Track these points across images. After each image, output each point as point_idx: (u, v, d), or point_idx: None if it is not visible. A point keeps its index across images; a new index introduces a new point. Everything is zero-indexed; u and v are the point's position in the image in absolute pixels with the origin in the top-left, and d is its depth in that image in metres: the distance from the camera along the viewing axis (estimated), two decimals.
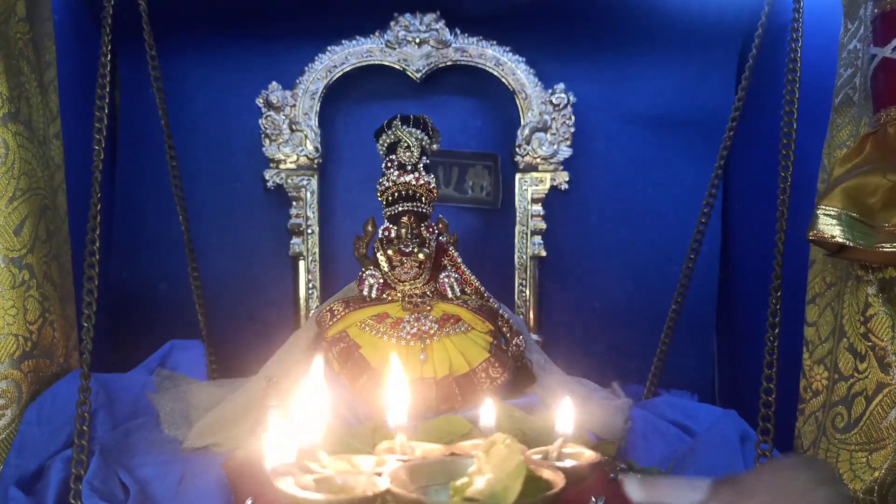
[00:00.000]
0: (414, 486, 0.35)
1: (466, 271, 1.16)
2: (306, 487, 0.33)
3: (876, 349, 0.81)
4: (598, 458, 0.44)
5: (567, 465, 0.42)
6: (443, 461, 0.37)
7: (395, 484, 0.32)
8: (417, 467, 0.36)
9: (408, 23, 1.38)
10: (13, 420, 0.91)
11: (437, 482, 0.36)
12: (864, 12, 0.90)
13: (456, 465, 0.37)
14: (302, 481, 0.33)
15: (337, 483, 0.35)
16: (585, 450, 0.45)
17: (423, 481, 0.36)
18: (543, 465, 0.35)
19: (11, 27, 0.96)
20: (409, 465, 0.36)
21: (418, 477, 0.36)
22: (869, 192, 0.81)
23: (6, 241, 0.93)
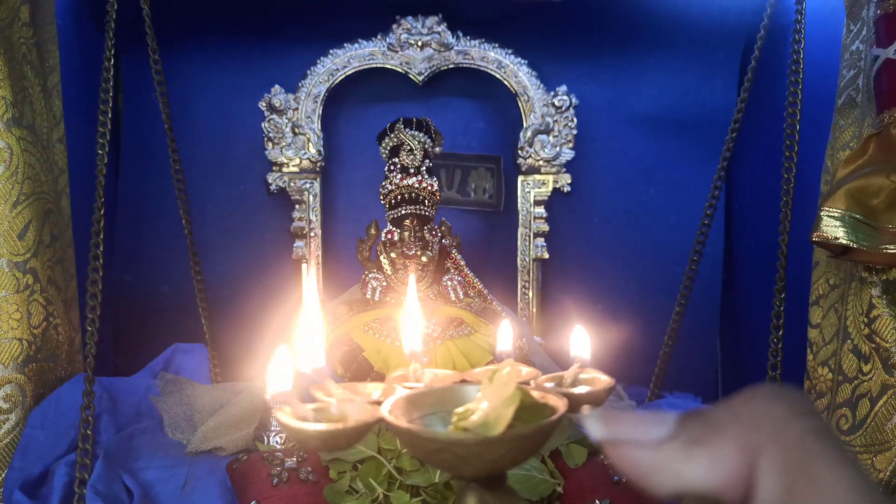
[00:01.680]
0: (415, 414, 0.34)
1: (469, 274, 1.16)
2: (304, 417, 0.33)
3: (880, 351, 0.81)
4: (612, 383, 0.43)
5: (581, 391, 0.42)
6: (449, 389, 0.36)
7: (394, 414, 0.32)
8: (420, 395, 0.35)
9: (410, 26, 1.38)
10: (17, 424, 0.92)
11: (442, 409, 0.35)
12: (866, 13, 0.90)
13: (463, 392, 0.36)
14: (300, 411, 0.33)
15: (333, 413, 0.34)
16: (601, 375, 0.44)
17: (427, 409, 0.35)
18: (550, 392, 0.34)
19: (15, 32, 0.96)
20: (412, 394, 0.35)
21: (421, 405, 0.35)
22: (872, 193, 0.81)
23: (10, 245, 0.93)
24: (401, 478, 0.81)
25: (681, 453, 0.22)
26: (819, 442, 0.21)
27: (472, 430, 0.31)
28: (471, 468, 0.31)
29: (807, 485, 0.20)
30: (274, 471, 0.81)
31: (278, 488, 0.79)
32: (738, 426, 0.21)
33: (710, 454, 0.21)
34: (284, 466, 0.82)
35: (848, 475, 0.20)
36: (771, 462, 0.20)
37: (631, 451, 0.23)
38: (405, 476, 0.81)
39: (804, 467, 0.20)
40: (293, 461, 0.83)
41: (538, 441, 0.31)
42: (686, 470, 0.22)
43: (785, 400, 0.22)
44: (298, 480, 0.81)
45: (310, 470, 0.82)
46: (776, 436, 0.21)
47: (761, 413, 0.21)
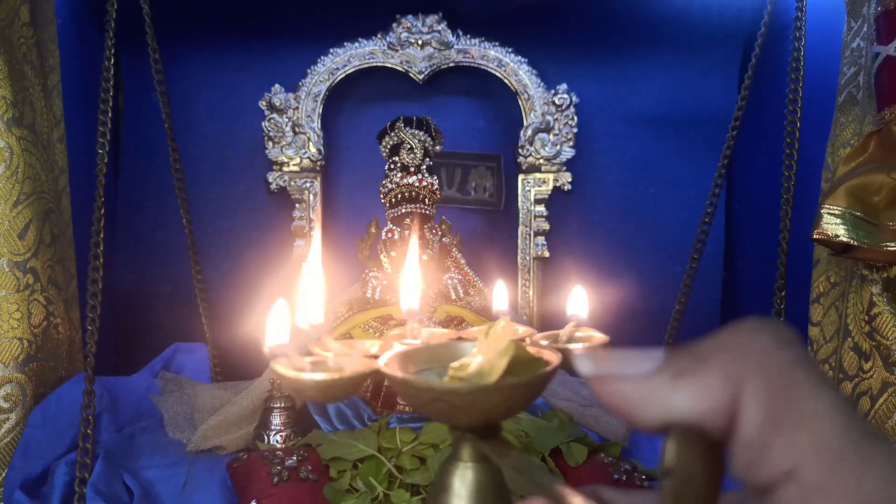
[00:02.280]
0: (411, 369, 0.34)
1: (470, 273, 1.16)
2: (301, 369, 0.33)
3: (881, 348, 0.81)
4: (607, 340, 0.43)
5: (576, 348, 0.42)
6: (446, 345, 0.37)
7: (390, 366, 0.32)
8: (417, 351, 0.35)
9: (410, 24, 1.38)
10: (18, 423, 0.92)
11: (438, 365, 0.35)
12: (867, 10, 0.90)
13: (459, 348, 0.36)
14: (297, 363, 0.33)
15: (330, 365, 0.35)
16: (596, 333, 0.44)
17: (423, 364, 0.35)
18: (545, 348, 0.35)
19: (15, 32, 0.96)
20: (408, 349, 0.35)
21: (417, 360, 0.35)
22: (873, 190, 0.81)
23: (11, 245, 0.93)
24: (401, 476, 0.81)
25: (667, 384, 0.22)
26: (802, 370, 0.21)
27: (467, 380, 0.31)
28: (466, 417, 0.31)
29: (789, 410, 0.20)
30: (274, 470, 0.81)
31: (278, 487, 0.79)
32: (724, 356, 0.22)
33: (695, 384, 0.22)
34: (285, 465, 0.82)
35: (829, 401, 0.20)
36: (754, 389, 0.21)
37: (618, 385, 0.23)
38: (405, 475, 0.81)
39: (787, 394, 0.20)
40: (293, 460, 0.83)
41: (532, 391, 0.32)
42: (672, 400, 0.22)
43: (770, 331, 0.22)
44: (298, 479, 0.81)
45: (310, 469, 0.82)
46: (760, 364, 0.21)
47: (746, 343, 0.22)
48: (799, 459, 0.19)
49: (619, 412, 0.23)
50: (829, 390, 0.20)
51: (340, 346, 0.36)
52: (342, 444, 0.85)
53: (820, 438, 0.19)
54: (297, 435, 0.95)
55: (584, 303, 0.51)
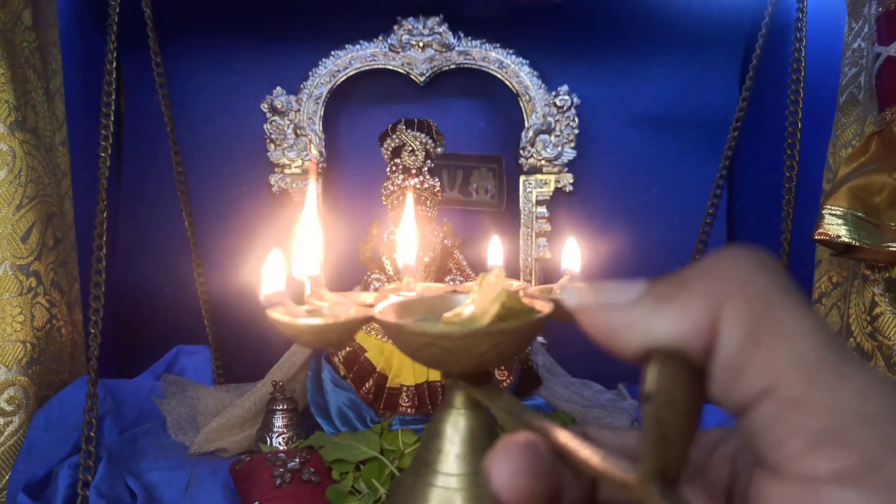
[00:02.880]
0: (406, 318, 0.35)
1: (472, 274, 1.16)
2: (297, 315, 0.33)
3: (883, 348, 0.81)
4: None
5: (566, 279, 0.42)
6: (440, 297, 0.37)
7: (384, 314, 0.32)
8: (412, 302, 0.36)
9: (411, 26, 1.38)
10: (21, 426, 0.92)
11: (432, 316, 0.36)
12: (868, 11, 0.90)
13: (453, 300, 0.37)
14: (293, 310, 0.34)
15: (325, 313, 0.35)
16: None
17: (418, 315, 0.36)
18: (538, 298, 0.35)
19: (17, 36, 0.96)
20: (404, 300, 0.36)
21: (412, 311, 0.35)
22: (875, 191, 0.81)
23: (14, 248, 0.93)
24: None
25: (649, 309, 0.22)
26: (781, 292, 0.21)
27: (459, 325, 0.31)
28: (458, 363, 0.31)
29: (767, 329, 0.20)
30: (276, 472, 0.81)
31: (281, 489, 0.80)
32: (705, 280, 0.22)
33: (676, 307, 0.22)
34: (287, 467, 0.82)
35: (807, 321, 0.20)
36: (734, 310, 0.21)
37: (602, 314, 0.23)
38: None
39: (766, 315, 0.20)
40: (296, 462, 0.83)
41: (523, 337, 0.32)
42: (654, 324, 0.22)
43: (751, 256, 0.22)
44: (301, 481, 0.81)
45: (312, 471, 0.82)
46: (740, 287, 0.21)
47: (727, 268, 0.22)
48: (776, 376, 0.20)
49: (603, 341, 0.23)
50: (807, 311, 0.20)
51: (336, 296, 0.36)
52: (344, 446, 0.85)
53: (797, 355, 0.20)
54: (299, 437, 0.95)
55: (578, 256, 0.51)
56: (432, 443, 0.34)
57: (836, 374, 0.19)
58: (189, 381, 1.16)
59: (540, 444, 0.25)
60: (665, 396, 0.21)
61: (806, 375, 0.19)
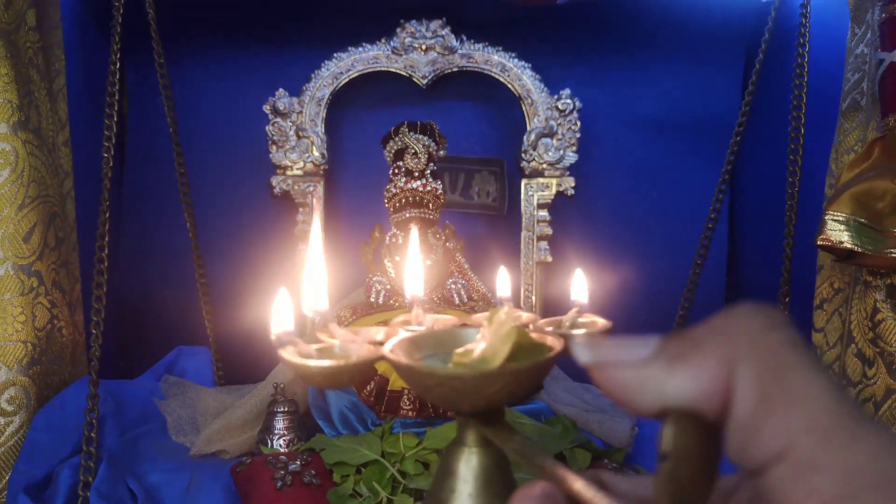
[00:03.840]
0: (416, 355, 0.35)
1: (473, 277, 1.16)
2: (308, 355, 0.33)
3: (884, 355, 0.81)
4: (609, 325, 0.43)
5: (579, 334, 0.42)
6: (450, 331, 0.37)
7: (395, 353, 0.32)
8: (422, 337, 0.36)
9: (414, 29, 1.38)
10: (22, 426, 0.92)
11: (442, 351, 0.36)
12: (871, 17, 0.90)
13: (463, 335, 0.37)
14: (303, 350, 0.34)
15: (336, 352, 0.35)
16: (598, 318, 0.44)
17: (428, 350, 0.35)
18: (549, 333, 0.35)
19: (21, 36, 0.96)
20: (414, 335, 0.35)
21: (422, 347, 0.35)
22: (877, 196, 0.81)
23: (15, 248, 0.93)
24: (404, 481, 0.81)
25: (663, 370, 0.22)
26: (793, 352, 0.21)
27: (470, 366, 0.31)
28: (469, 402, 0.31)
29: (780, 391, 0.20)
30: (277, 474, 0.81)
31: (282, 492, 0.80)
32: (717, 340, 0.22)
33: (690, 368, 0.22)
34: (288, 470, 0.82)
35: (819, 382, 0.20)
36: (747, 371, 0.21)
37: (615, 372, 0.23)
38: (409, 480, 0.81)
39: (778, 375, 0.21)
40: (297, 465, 0.83)
41: (535, 376, 0.32)
42: (668, 386, 0.22)
43: (762, 314, 0.22)
44: (302, 484, 0.81)
45: (313, 473, 0.82)
46: (752, 347, 0.21)
47: (739, 327, 0.22)
48: (791, 439, 0.20)
49: (617, 398, 0.24)
50: (819, 371, 0.21)
51: (346, 333, 0.36)
52: (346, 448, 0.85)
53: (810, 418, 0.20)
54: (300, 439, 0.95)
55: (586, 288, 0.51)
56: (445, 481, 0.34)
57: (850, 435, 0.19)
58: (190, 383, 1.16)
59: (557, 495, 0.25)
60: (680, 455, 0.22)
61: (820, 438, 0.19)
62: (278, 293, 0.38)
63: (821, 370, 0.21)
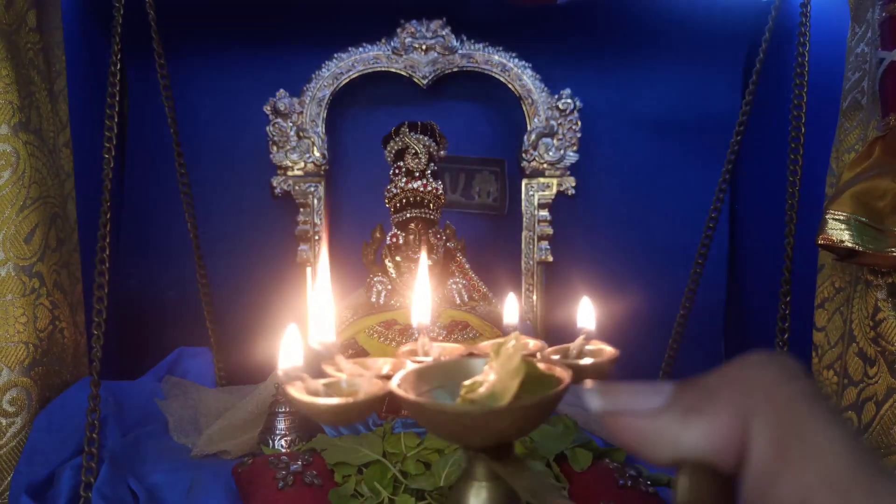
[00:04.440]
0: (424, 388, 0.35)
1: (474, 277, 1.16)
2: (315, 392, 0.33)
3: (886, 354, 0.81)
4: (617, 354, 0.43)
5: (587, 363, 0.42)
6: (457, 362, 0.37)
7: (403, 387, 0.32)
8: (429, 369, 0.36)
9: (414, 29, 1.38)
10: (23, 427, 0.92)
11: (450, 382, 0.36)
12: (871, 16, 0.90)
13: (470, 365, 0.37)
14: (311, 386, 0.34)
15: (344, 387, 0.35)
16: (605, 346, 0.44)
17: (436, 382, 0.35)
18: (556, 364, 0.35)
19: (22, 37, 0.96)
20: (420, 367, 0.35)
21: (430, 379, 0.35)
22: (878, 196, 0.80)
23: (17, 249, 0.93)
24: (406, 481, 0.81)
25: (677, 421, 0.22)
26: (809, 403, 0.21)
27: (479, 402, 0.31)
28: (478, 438, 0.31)
29: (796, 444, 0.20)
30: (279, 475, 0.81)
31: (283, 492, 0.80)
32: (732, 391, 0.22)
33: (705, 421, 0.22)
34: (290, 470, 0.82)
35: (836, 434, 0.20)
36: (763, 425, 0.21)
37: (629, 421, 0.23)
38: (410, 480, 0.81)
39: (794, 428, 0.21)
40: (298, 465, 0.83)
41: (544, 411, 0.32)
42: (682, 437, 0.22)
43: (776, 364, 0.22)
44: (303, 484, 0.81)
45: (315, 474, 0.82)
46: (768, 399, 0.21)
47: (753, 378, 0.22)
48: (807, 494, 0.20)
49: (631, 448, 0.24)
50: (835, 423, 0.20)
51: (353, 367, 0.36)
52: (347, 448, 0.85)
53: (827, 472, 0.20)
54: (301, 439, 0.95)
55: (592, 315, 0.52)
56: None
57: (867, 490, 0.19)
58: (191, 383, 1.16)
59: None
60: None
61: (836, 493, 0.19)
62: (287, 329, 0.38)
63: (837, 422, 0.21)
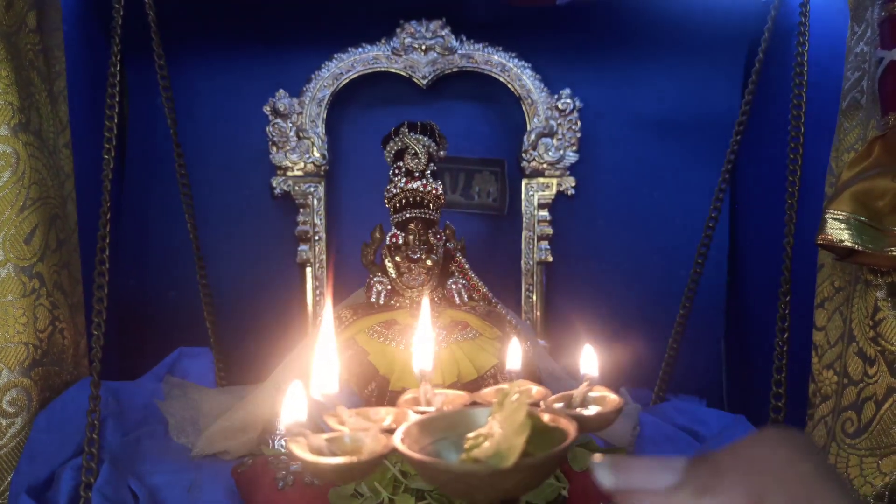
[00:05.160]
0: (427, 440, 0.34)
1: (474, 277, 1.16)
2: (319, 448, 0.33)
3: (885, 353, 0.81)
4: (622, 403, 0.43)
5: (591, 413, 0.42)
6: (460, 412, 0.37)
7: (406, 441, 0.32)
8: (432, 421, 0.35)
9: (414, 30, 1.38)
10: (23, 427, 0.92)
11: (454, 433, 0.35)
12: (870, 15, 0.90)
13: (473, 416, 0.36)
14: (314, 442, 0.34)
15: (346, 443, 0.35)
16: (609, 393, 0.44)
17: (439, 434, 0.35)
18: (560, 415, 0.35)
19: (22, 38, 0.97)
20: (423, 419, 0.35)
21: (433, 431, 0.35)
22: (877, 195, 0.80)
23: (17, 250, 0.93)
24: (406, 481, 0.81)
25: (691, 500, 0.22)
26: (821, 483, 0.21)
27: (485, 461, 0.31)
28: (484, 496, 0.31)
29: None
30: (279, 475, 0.81)
31: (284, 492, 0.80)
32: (744, 470, 0.22)
33: (718, 500, 0.22)
34: (290, 470, 0.82)
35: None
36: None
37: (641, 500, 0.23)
38: (410, 479, 0.81)
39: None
40: (298, 465, 0.83)
41: (551, 468, 0.32)
42: None
43: (788, 443, 0.22)
44: (303, 484, 0.81)
45: None
46: (780, 479, 0.21)
47: (765, 457, 0.22)
48: None
49: None
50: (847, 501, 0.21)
51: (356, 420, 0.36)
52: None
53: None
54: None
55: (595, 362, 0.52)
56: None
57: None
58: (191, 384, 1.16)
59: None
60: None
61: None
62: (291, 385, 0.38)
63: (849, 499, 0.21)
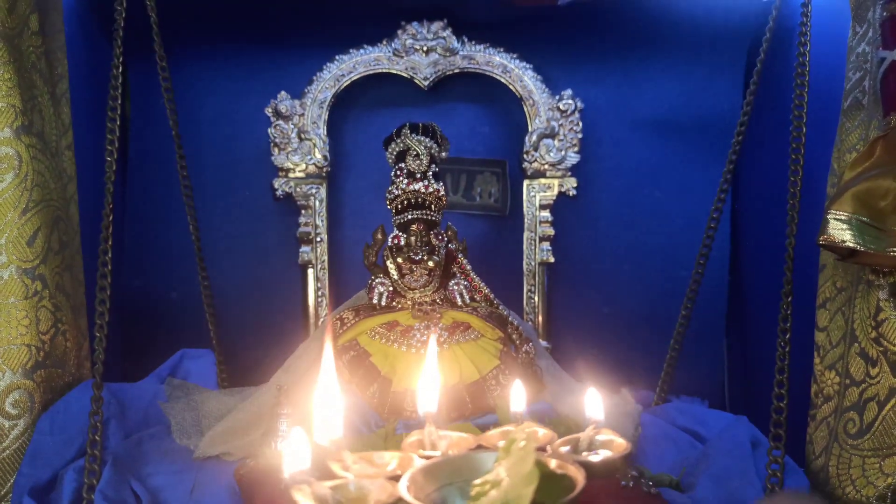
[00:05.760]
0: (432, 487, 0.34)
1: (475, 278, 1.16)
2: (323, 498, 0.33)
3: (887, 354, 0.81)
4: (629, 448, 0.43)
5: (597, 459, 0.42)
6: (465, 457, 0.36)
7: (412, 489, 0.32)
8: (437, 466, 0.35)
9: (415, 31, 1.39)
10: (26, 429, 0.92)
11: (459, 479, 0.35)
12: (872, 15, 0.90)
13: (479, 460, 0.36)
14: (318, 491, 0.33)
15: (351, 490, 0.35)
16: (616, 437, 0.44)
17: (444, 480, 0.35)
18: (567, 460, 0.35)
19: (24, 41, 0.97)
20: (429, 464, 0.35)
21: (439, 476, 0.35)
22: (879, 195, 0.80)
23: (19, 252, 0.94)
24: None
25: None
26: None
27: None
28: None
29: None
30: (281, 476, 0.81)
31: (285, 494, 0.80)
32: None
33: None
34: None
35: None
36: None
37: None
38: None
39: None
40: None
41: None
42: None
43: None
44: None
45: None
46: None
47: None
48: None
49: None
50: None
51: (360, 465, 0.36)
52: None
53: None
54: None
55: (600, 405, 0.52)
56: None
57: None
58: (193, 385, 1.16)
59: None
60: None
61: None
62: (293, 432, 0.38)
63: None
